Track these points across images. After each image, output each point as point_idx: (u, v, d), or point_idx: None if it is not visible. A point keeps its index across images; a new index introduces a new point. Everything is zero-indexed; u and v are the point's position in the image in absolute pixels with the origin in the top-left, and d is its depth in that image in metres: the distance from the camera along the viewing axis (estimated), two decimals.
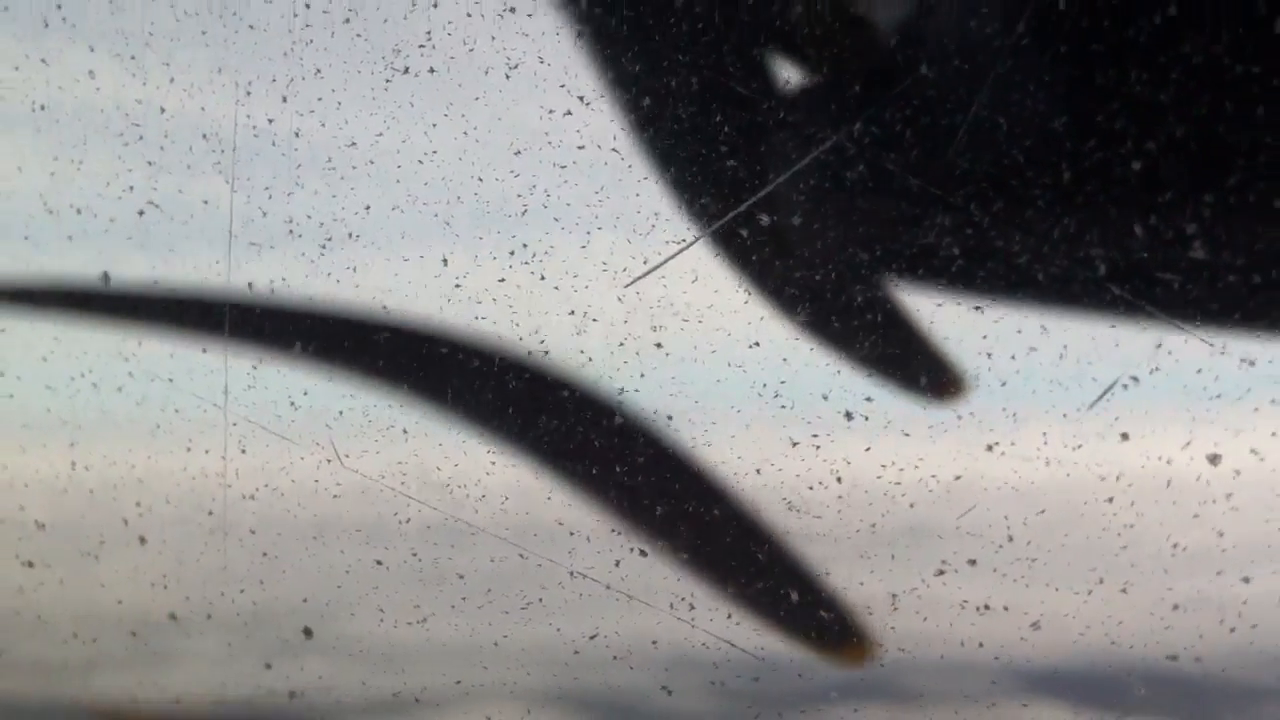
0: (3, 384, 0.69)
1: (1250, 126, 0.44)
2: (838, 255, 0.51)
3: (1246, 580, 0.48)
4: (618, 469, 0.55)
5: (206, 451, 0.63)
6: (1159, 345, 0.46)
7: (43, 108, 0.64)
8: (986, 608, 0.51)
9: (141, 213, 0.63)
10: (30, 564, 0.70)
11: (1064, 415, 0.48)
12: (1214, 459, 0.47)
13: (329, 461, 0.61)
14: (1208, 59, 0.44)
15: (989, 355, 0.49)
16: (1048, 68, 0.46)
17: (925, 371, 0.51)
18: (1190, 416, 0.47)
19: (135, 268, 0.64)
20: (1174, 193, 0.45)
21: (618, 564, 0.56)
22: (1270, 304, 0.46)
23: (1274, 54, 0.44)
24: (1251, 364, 0.46)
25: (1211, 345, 0.46)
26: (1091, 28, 0.45)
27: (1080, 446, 0.48)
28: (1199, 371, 0.46)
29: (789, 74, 0.50)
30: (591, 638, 0.58)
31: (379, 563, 0.61)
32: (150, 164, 0.62)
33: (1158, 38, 0.44)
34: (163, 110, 0.61)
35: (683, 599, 0.56)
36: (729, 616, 0.56)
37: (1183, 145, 0.45)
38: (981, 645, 0.52)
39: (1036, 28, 0.46)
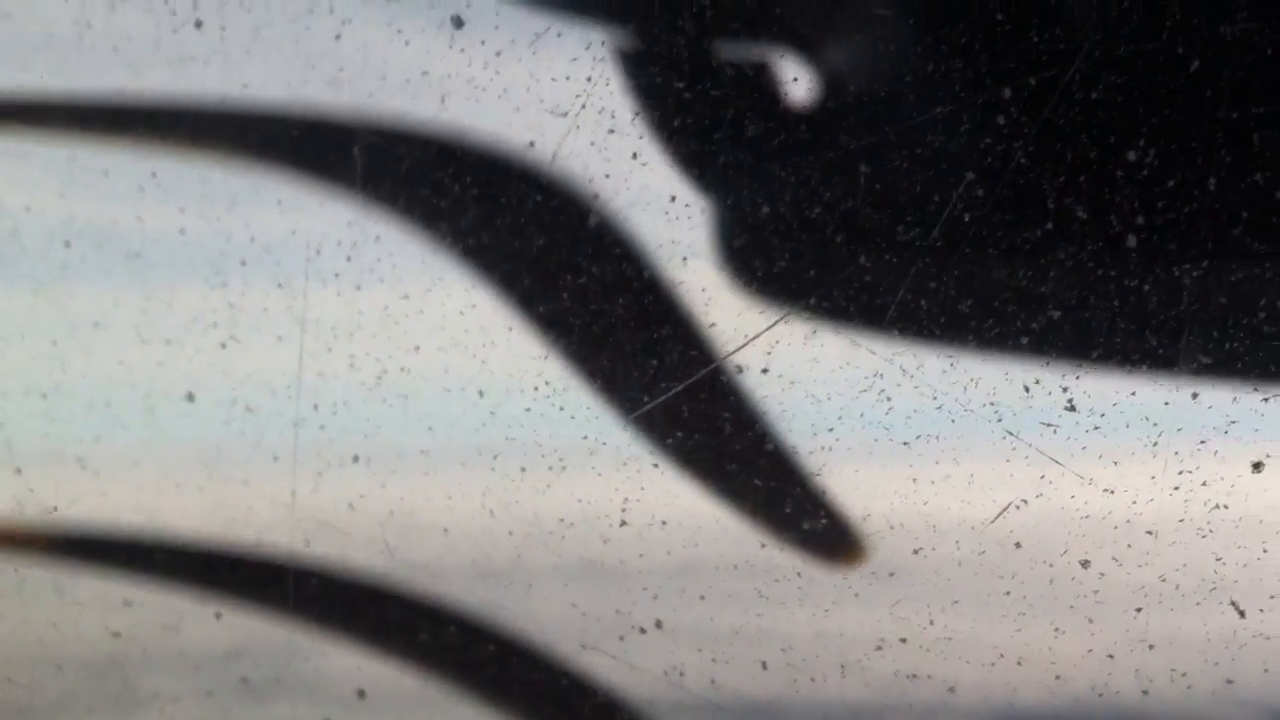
0: (95, 484, 0.81)
1: (1110, 314, 0.59)
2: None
3: (1111, 657, 0.62)
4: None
5: (275, 543, 0.76)
6: (1042, 476, 0.61)
7: (138, 255, 0.77)
8: (914, 676, 0.65)
9: (223, 345, 0.76)
10: (118, 634, 0.82)
11: (971, 529, 0.62)
12: (1085, 564, 0.61)
13: (380, 553, 0.74)
14: (1075, 263, 0.59)
15: (914, 480, 0.63)
16: (956, 264, 0.60)
17: (837, 541, 0.65)
18: (1066, 531, 0.61)
19: (216, 390, 0.77)
20: (1049, 360, 0.60)
21: (621, 639, 0.70)
22: (1129, 444, 0.60)
23: (1128, 261, 0.58)
24: (1111, 492, 0.60)
25: (1080, 477, 0.60)
26: (988, 235, 0.59)
27: (984, 552, 0.62)
28: (1072, 497, 0.60)
29: (752, 262, 0.64)
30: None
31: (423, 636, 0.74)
32: (231, 305, 0.75)
33: (1039, 244, 0.59)
34: (244, 263, 0.74)
35: (675, 667, 0.70)
36: (712, 682, 0.69)
37: (1059, 328, 0.59)
38: (911, 707, 0.66)
39: (948, 234, 0.60)
